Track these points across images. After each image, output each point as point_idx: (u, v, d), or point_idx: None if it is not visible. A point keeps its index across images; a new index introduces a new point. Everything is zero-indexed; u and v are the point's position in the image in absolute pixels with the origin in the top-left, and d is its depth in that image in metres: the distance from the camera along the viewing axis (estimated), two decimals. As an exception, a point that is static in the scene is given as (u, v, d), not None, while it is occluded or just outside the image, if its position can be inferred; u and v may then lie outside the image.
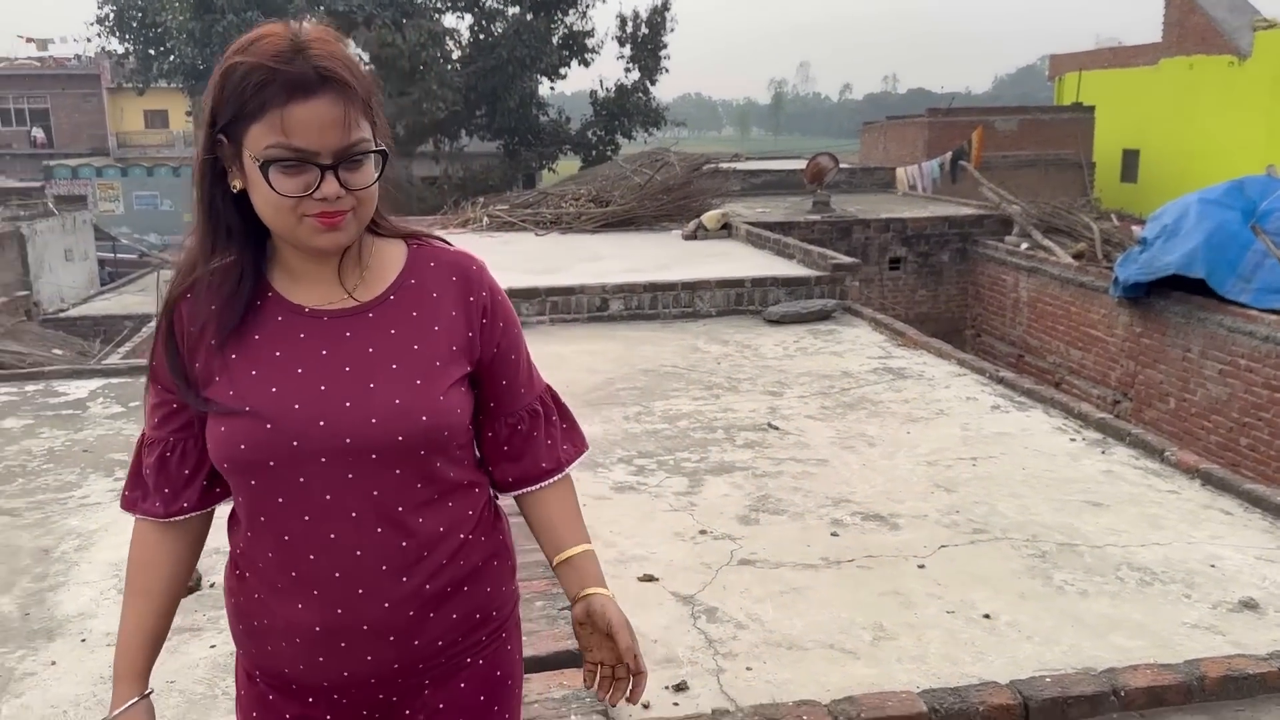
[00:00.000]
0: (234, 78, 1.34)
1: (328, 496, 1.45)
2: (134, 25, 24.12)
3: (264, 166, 1.34)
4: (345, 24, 24.08)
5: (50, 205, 24.64)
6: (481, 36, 26.17)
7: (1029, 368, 12.85)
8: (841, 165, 18.01)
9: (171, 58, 23.86)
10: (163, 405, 1.53)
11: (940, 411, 6.38)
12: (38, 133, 33.29)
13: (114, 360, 8.68)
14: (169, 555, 1.57)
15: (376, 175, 1.44)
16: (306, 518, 1.46)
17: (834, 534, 4.47)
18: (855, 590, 4.02)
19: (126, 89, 31.56)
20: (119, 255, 25.09)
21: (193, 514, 1.57)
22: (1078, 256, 13.09)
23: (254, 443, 1.43)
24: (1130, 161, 24.06)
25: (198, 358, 1.47)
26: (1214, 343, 9.77)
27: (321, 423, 1.43)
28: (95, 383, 7.29)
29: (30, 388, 7.16)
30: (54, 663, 3.51)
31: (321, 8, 23.84)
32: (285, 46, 1.33)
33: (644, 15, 26.33)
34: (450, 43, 25.99)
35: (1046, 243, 13.76)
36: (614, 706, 1.56)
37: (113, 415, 6.47)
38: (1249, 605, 3.83)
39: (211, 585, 3.99)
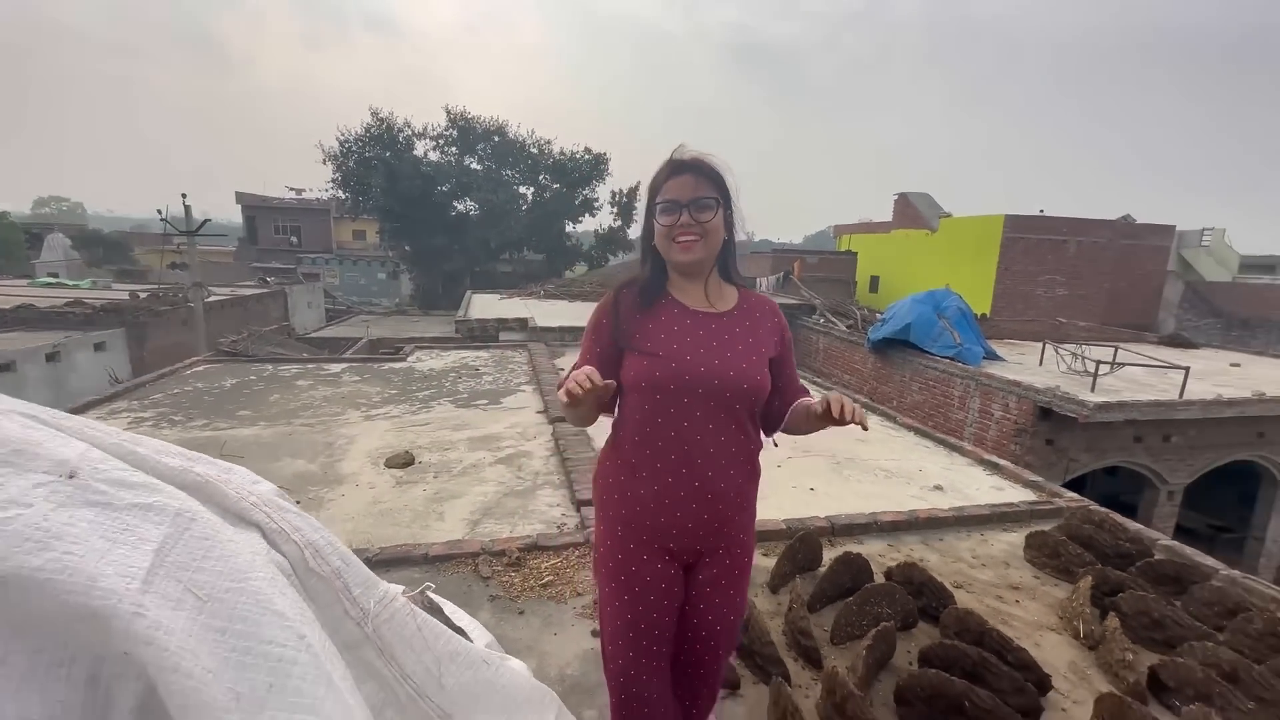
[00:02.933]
0: (653, 178, 1.36)
1: (698, 413, 1.34)
2: (352, 184, 23.88)
3: (654, 208, 1.33)
4: (467, 189, 24.00)
5: (300, 277, 24.33)
6: (538, 199, 26.23)
7: (824, 385, 13.03)
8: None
9: (371, 203, 23.65)
10: (595, 345, 1.41)
11: None
12: (293, 239, 32.64)
13: (348, 356, 8.69)
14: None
15: (720, 226, 1.33)
16: (685, 423, 1.34)
17: None
18: None
19: (345, 218, 31.23)
20: (336, 306, 24.63)
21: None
22: (848, 328, 13.13)
23: (665, 373, 1.34)
24: (875, 282, 24.03)
25: (627, 322, 1.39)
26: (917, 372, 9.82)
27: (701, 368, 1.34)
28: (342, 365, 7.32)
29: (310, 365, 7.20)
30: (343, 495, 3.55)
31: (453, 180, 23.71)
32: (671, 159, 1.35)
33: (625, 191, 26.48)
34: (521, 201, 26.05)
35: (833, 319, 13.82)
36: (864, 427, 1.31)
37: (355, 380, 6.50)
38: (939, 488, 4.08)
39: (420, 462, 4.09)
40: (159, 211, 16.76)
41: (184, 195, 15.32)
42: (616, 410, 1.43)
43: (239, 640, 0.62)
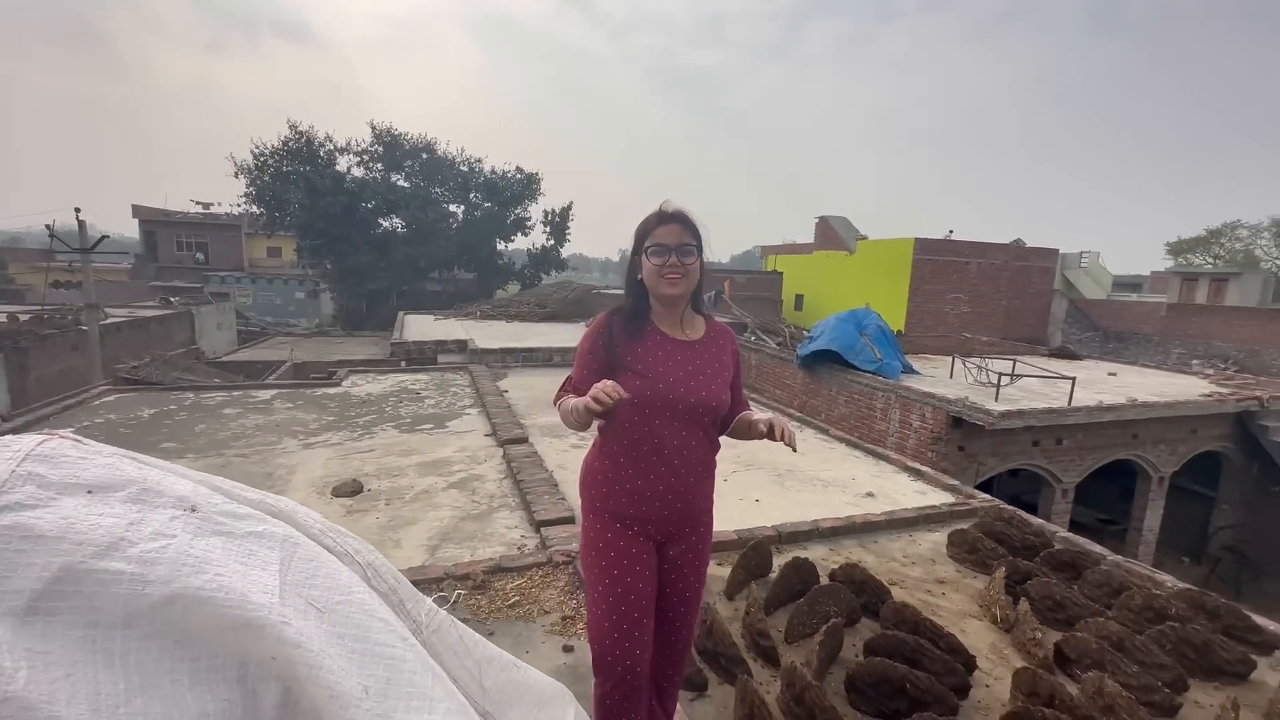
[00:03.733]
0: (642, 224, 1.57)
1: (675, 424, 1.57)
2: (268, 199, 22.74)
3: (647, 250, 1.54)
4: (394, 206, 23.34)
5: (208, 297, 22.79)
6: (468, 217, 25.90)
7: (759, 400, 13.48)
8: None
9: (290, 219, 22.60)
10: (594, 362, 1.59)
11: None
12: (200, 256, 30.53)
13: (276, 381, 8.32)
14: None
15: (699, 268, 1.56)
16: (666, 433, 1.56)
17: None
18: None
19: (259, 234, 29.53)
20: (250, 327, 23.26)
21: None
22: (778, 345, 13.57)
23: (654, 392, 1.55)
24: (800, 301, 24.75)
25: (619, 345, 1.58)
26: (842, 387, 10.28)
27: (682, 389, 1.57)
28: (271, 391, 7.02)
29: (236, 393, 6.85)
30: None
31: (379, 197, 23.04)
32: (660, 211, 1.56)
33: (558, 211, 26.50)
34: (451, 220, 25.64)
35: (764, 337, 14.25)
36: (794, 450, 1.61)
37: (287, 407, 6.26)
38: (870, 494, 4.40)
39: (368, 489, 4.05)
40: (47, 226, 15.34)
41: (78, 210, 14.16)
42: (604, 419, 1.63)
43: (356, 644, 0.73)
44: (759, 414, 1.66)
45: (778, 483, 4.63)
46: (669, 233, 1.54)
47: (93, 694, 0.55)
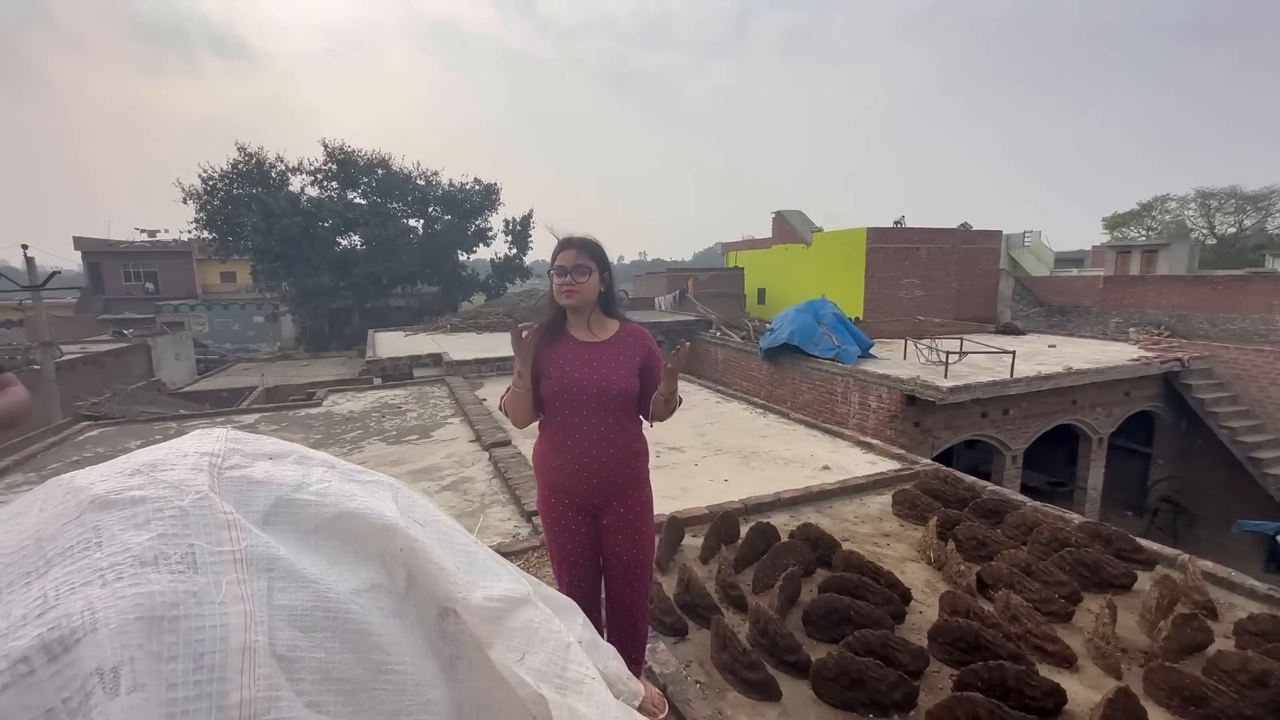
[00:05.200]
0: (553, 250, 1.92)
1: (584, 412, 1.87)
2: (219, 223, 22.39)
3: (551, 271, 1.91)
4: (352, 225, 23.24)
5: (162, 327, 22.34)
6: (428, 231, 25.88)
7: (725, 393, 13.91)
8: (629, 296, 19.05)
9: (245, 242, 22.30)
10: (524, 367, 1.89)
11: (694, 405, 7.29)
12: (149, 285, 29.74)
13: (258, 405, 8.46)
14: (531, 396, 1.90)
15: (596, 283, 1.87)
16: (576, 419, 1.87)
17: (656, 456, 5.21)
18: (669, 476, 4.75)
19: (211, 259, 28.90)
20: (209, 356, 22.87)
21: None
22: (742, 339, 14.04)
23: (561, 387, 1.88)
24: (762, 295, 25.16)
25: (539, 353, 1.91)
26: (804, 375, 10.85)
27: (586, 381, 1.87)
28: (255, 415, 7.17)
29: (219, 419, 6.98)
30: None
31: (337, 216, 22.89)
32: (562, 239, 1.91)
33: (519, 219, 26.69)
34: (411, 234, 25.58)
35: (728, 332, 14.76)
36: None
37: (272, 429, 6.39)
38: (826, 468, 4.88)
39: None
40: (-9, 266, 14.97)
41: (25, 246, 13.91)
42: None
43: (448, 543, 1.14)
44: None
45: (744, 464, 5.08)
46: (566, 256, 1.88)
47: (312, 565, 0.97)
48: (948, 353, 9.74)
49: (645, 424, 2.02)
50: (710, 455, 5.30)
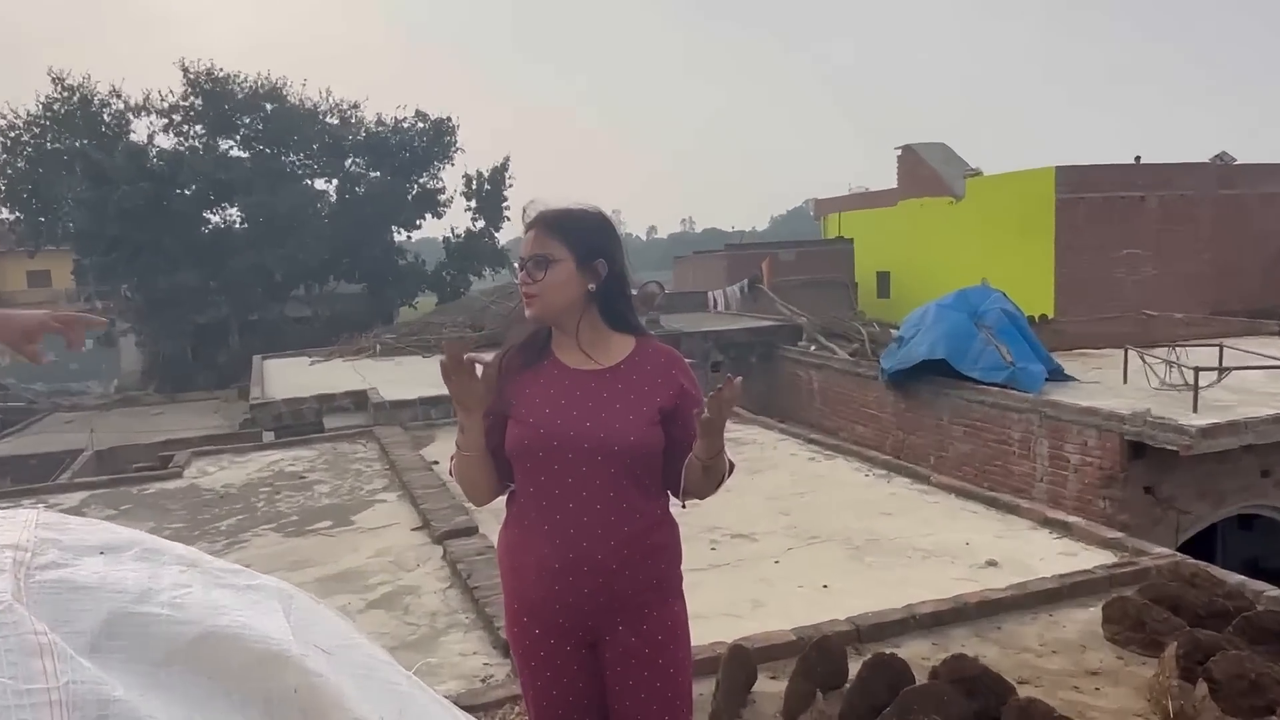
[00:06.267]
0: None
1: (569, 480, 1.89)
2: (25, 196, 23.42)
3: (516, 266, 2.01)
4: (228, 190, 24.06)
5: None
6: (347, 197, 26.62)
7: (825, 443, 13.81)
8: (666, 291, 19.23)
9: (63, 224, 23.27)
10: (487, 412, 1.96)
11: (773, 465, 7.34)
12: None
13: (85, 480, 8.76)
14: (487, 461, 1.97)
15: (571, 278, 1.91)
16: (556, 491, 1.90)
17: (713, 548, 5.31)
18: (734, 580, 4.80)
19: (13, 252, 30.12)
20: (9, 404, 23.72)
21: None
22: (853, 354, 13.96)
23: (532, 440, 1.92)
24: (883, 281, 25.46)
25: (508, 386, 1.97)
26: (957, 411, 10.77)
27: (571, 432, 1.90)
28: (81, 494, 7.43)
29: (26, 502, 7.21)
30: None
31: (203, 177, 23.71)
32: (529, 214, 1.99)
33: (486, 174, 27.27)
34: (318, 202, 26.31)
35: (829, 345, 14.66)
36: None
37: (109, 514, 6.62)
38: (992, 564, 4.87)
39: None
40: None
41: None
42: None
43: (367, 681, 1.21)
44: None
45: (854, 559, 5.10)
46: (525, 242, 1.97)
47: (164, 712, 1.05)
48: (1198, 369, 9.55)
49: (675, 502, 2.06)
50: (800, 545, 5.35)
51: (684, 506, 2.05)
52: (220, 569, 1.26)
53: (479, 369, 1.89)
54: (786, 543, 5.39)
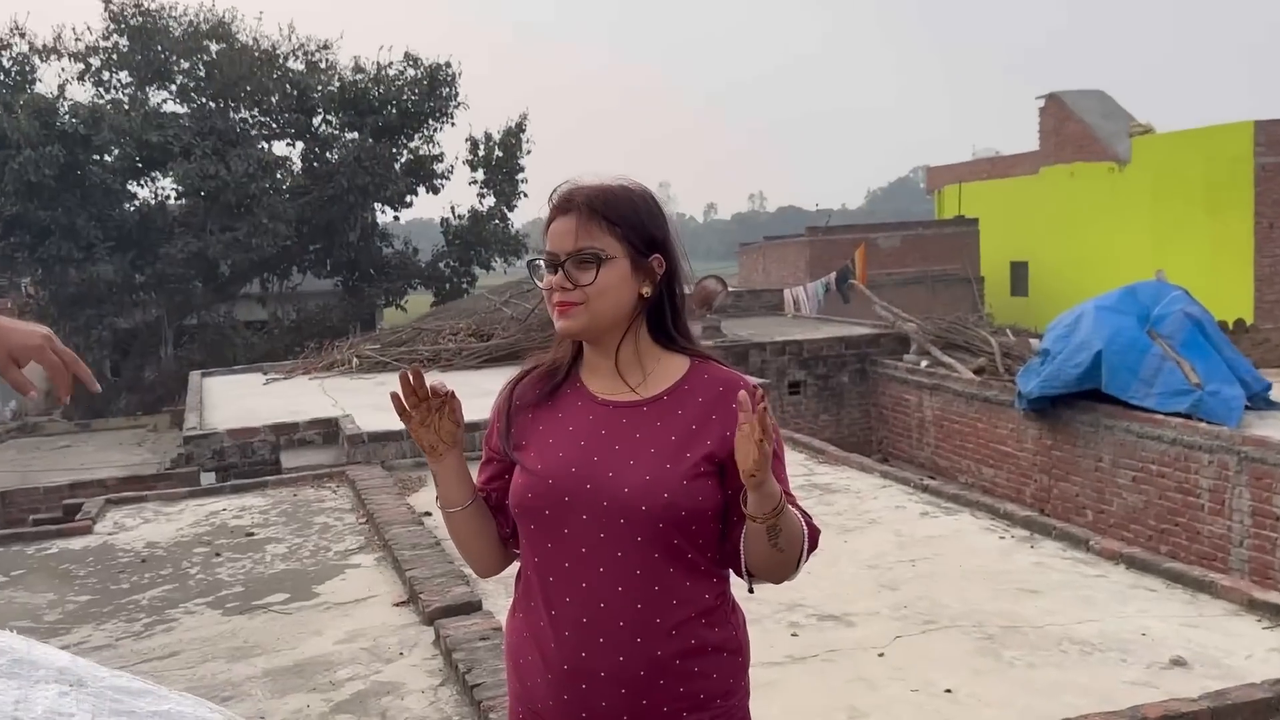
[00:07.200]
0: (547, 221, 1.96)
1: (583, 549, 1.85)
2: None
3: (535, 263, 1.98)
4: (161, 155, 24.32)
5: None
6: (316, 165, 26.73)
7: (942, 493, 13.57)
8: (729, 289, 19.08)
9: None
10: (488, 460, 2.05)
11: (873, 521, 7.23)
12: None
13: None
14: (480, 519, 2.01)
15: (625, 280, 1.89)
16: (566, 564, 1.86)
17: (794, 634, 5.21)
18: (823, 680, 4.72)
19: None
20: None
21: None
22: (979, 372, 13.79)
23: (537, 493, 1.90)
24: (1019, 274, 25.39)
25: (515, 424, 1.99)
26: (1124, 450, 10.60)
27: (588, 485, 1.86)
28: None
29: None
30: None
31: (130, 139, 23.99)
32: (557, 192, 1.93)
33: (497, 137, 27.31)
34: (278, 171, 26.40)
35: (946, 359, 14.51)
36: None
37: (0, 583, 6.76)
38: (1178, 663, 4.71)
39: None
40: None
41: None
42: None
43: None
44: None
45: (987, 652, 4.97)
46: (560, 234, 1.91)
47: None
48: None
49: (740, 584, 1.99)
50: (912, 633, 5.25)
51: (751, 591, 1.99)
52: (117, 690, 1.19)
53: (446, 395, 1.93)
54: (894, 629, 5.28)
